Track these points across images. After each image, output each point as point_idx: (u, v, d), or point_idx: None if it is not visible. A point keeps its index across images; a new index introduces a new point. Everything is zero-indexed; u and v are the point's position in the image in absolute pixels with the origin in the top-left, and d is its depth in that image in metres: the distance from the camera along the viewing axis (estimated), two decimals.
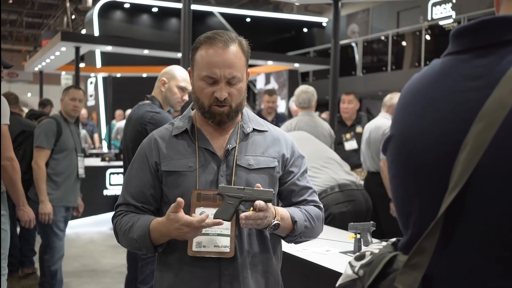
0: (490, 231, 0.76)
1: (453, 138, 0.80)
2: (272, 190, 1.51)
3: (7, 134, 2.93)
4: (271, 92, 5.83)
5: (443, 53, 0.90)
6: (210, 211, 1.52)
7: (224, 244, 1.54)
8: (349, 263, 0.94)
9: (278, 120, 5.77)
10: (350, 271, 0.92)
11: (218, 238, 1.54)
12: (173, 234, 1.48)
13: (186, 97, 3.14)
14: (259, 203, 1.46)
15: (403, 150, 0.88)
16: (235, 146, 1.61)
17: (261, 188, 1.50)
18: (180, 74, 3.12)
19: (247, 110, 1.72)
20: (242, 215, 1.46)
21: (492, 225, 0.76)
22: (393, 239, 0.95)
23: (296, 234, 1.61)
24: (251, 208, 1.47)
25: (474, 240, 0.78)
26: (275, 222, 1.51)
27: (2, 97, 2.90)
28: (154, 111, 2.98)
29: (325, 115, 7.49)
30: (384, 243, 0.94)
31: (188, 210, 1.53)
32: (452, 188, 0.77)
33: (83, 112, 9.78)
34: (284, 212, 1.58)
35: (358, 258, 0.93)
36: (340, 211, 3.41)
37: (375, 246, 0.94)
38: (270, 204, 1.50)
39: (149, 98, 3.11)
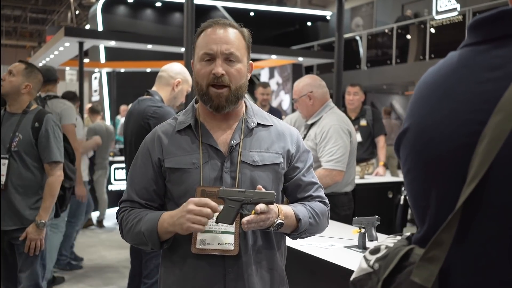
0: (509, 223, 0.75)
1: (471, 129, 0.79)
2: (273, 192, 1.48)
3: (73, 131, 4.04)
4: (265, 85, 5.81)
5: (460, 45, 0.89)
6: None
7: (228, 241, 1.53)
8: (364, 256, 0.93)
9: (272, 113, 5.71)
10: (365, 265, 0.91)
11: (222, 236, 1.53)
12: (177, 223, 1.46)
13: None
14: (260, 207, 1.44)
15: (420, 142, 0.87)
16: (239, 142, 1.59)
17: (262, 190, 1.48)
18: (191, 79, 3.18)
19: (251, 104, 1.70)
20: (244, 220, 1.44)
21: (511, 217, 0.75)
22: (408, 233, 0.94)
23: (301, 231, 1.60)
24: (253, 211, 1.45)
25: (492, 232, 0.77)
26: (279, 221, 1.50)
27: (69, 103, 4.05)
28: (156, 105, 2.99)
29: None
30: (398, 237, 0.94)
31: None
32: (470, 180, 0.76)
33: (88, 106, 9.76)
34: (288, 210, 1.57)
35: (373, 252, 0.92)
36: (345, 213, 3.45)
37: (390, 240, 0.93)
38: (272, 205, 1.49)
39: (150, 92, 3.12)
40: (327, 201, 1.72)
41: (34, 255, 2.83)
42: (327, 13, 18.19)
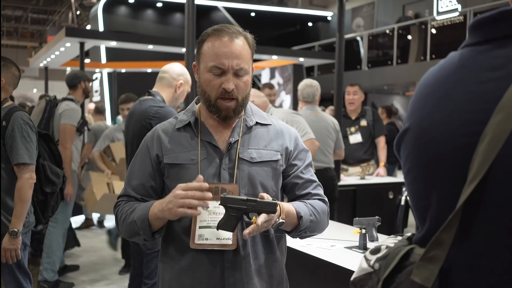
0: (509, 222, 0.75)
1: (471, 129, 0.79)
2: (276, 201, 1.47)
3: (70, 131, 4.26)
4: (271, 86, 5.84)
5: (461, 45, 0.89)
6: (212, 204, 1.52)
7: (226, 236, 1.53)
8: (364, 256, 0.93)
9: None
10: (365, 265, 0.91)
11: (220, 231, 1.53)
12: (166, 208, 1.45)
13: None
14: (261, 220, 1.43)
15: (420, 142, 0.87)
16: (238, 139, 1.61)
17: (265, 200, 1.46)
18: (191, 80, 3.24)
19: (250, 104, 1.71)
20: (245, 232, 1.43)
21: (511, 217, 0.75)
22: (408, 234, 0.94)
23: (302, 229, 1.60)
24: (254, 217, 1.45)
25: (492, 232, 0.77)
26: (280, 221, 1.50)
27: (74, 104, 4.33)
28: (158, 105, 2.99)
29: (329, 111, 7.46)
30: (399, 237, 0.94)
31: None
32: (471, 180, 0.76)
33: (91, 107, 9.78)
34: (289, 207, 1.57)
35: (373, 252, 0.92)
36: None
37: (391, 240, 0.93)
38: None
39: (152, 93, 3.12)
40: (326, 199, 1.72)
41: (11, 265, 2.66)
42: (328, 14, 18.20)
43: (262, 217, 1.44)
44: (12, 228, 2.59)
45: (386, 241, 0.94)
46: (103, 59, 14.10)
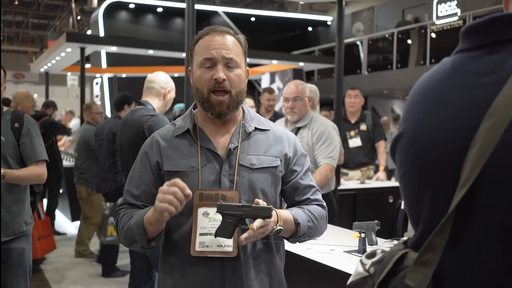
0: (501, 226, 0.76)
1: (464, 134, 0.80)
2: (271, 206, 1.48)
3: None
4: (270, 91, 5.85)
5: (454, 51, 0.90)
6: (212, 211, 1.52)
7: (227, 243, 1.53)
8: (360, 261, 0.94)
9: (276, 118, 5.72)
10: (361, 269, 0.92)
11: (221, 238, 1.53)
12: (153, 208, 1.44)
13: None
14: (256, 224, 1.44)
15: (414, 147, 0.88)
16: (237, 146, 1.61)
17: (260, 205, 1.47)
18: (174, 86, 3.32)
19: (248, 109, 1.71)
20: (242, 237, 1.45)
21: (503, 221, 0.76)
22: (404, 238, 0.94)
23: (300, 235, 1.61)
24: (251, 225, 1.45)
25: (485, 236, 0.78)
26: (277, 228, 1.51)
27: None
28: (149, 114, 3.06)
29: (324, 113, 7.44)
30: (395, 242, 0.95)
31: (191, 210, 1.54)
32: (462, 184, 0.77)
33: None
34: (286, 215, 1.58)
35: (369, 256, 0.93)
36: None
37: (386, 244, 0.94)
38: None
39: (142, 102, 3.18)
40: (324, 204, 1.73)
41: (16, 266, 2.65)
42: (328, 18, 18.22)
43: (258, 222, 1.45)
44: (3, 172, 2.54)
45: (383, 245, 0.95)
46: (104, 64, 14.11)
